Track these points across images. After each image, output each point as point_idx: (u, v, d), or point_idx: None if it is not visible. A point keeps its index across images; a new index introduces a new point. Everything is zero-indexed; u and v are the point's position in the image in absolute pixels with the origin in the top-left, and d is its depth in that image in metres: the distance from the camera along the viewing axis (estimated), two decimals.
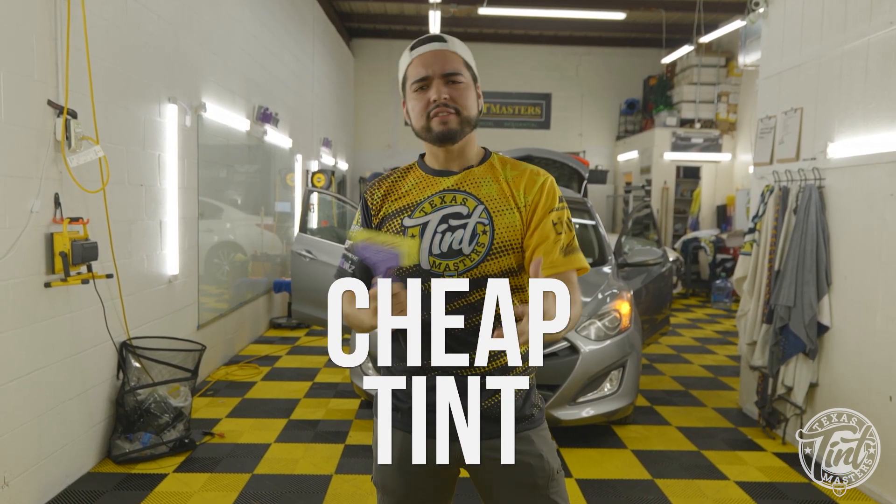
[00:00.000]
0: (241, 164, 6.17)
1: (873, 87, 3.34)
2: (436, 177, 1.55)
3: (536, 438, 1.55)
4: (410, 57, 1.51)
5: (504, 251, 1.48)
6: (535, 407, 1.58)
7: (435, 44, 1.50)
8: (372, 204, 1.58)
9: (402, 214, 1.53)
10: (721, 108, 11.41)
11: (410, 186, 1.56)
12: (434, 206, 1.51)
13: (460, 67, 1.50)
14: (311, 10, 9.04)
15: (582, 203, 5.06)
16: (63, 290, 3.02)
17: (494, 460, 1.49)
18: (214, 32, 5.09)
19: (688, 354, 6.15)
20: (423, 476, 1.55)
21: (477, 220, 1.49)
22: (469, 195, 1.51)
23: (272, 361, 5.55)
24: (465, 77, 1.50)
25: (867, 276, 3.32)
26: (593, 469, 3.50)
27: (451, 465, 1.52)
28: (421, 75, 1.48)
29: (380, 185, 1.60)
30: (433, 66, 1.47)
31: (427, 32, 10.76)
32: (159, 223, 4.09)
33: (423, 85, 1.48)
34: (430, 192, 1.53)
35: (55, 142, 2.92)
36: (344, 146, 12.12)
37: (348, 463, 3.51)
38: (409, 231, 1.51)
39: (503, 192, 1.52)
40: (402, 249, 1.33)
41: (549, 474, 1.53)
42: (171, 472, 3.33)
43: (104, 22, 3.34)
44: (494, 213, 1.50)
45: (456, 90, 1.48)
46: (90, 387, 3.29)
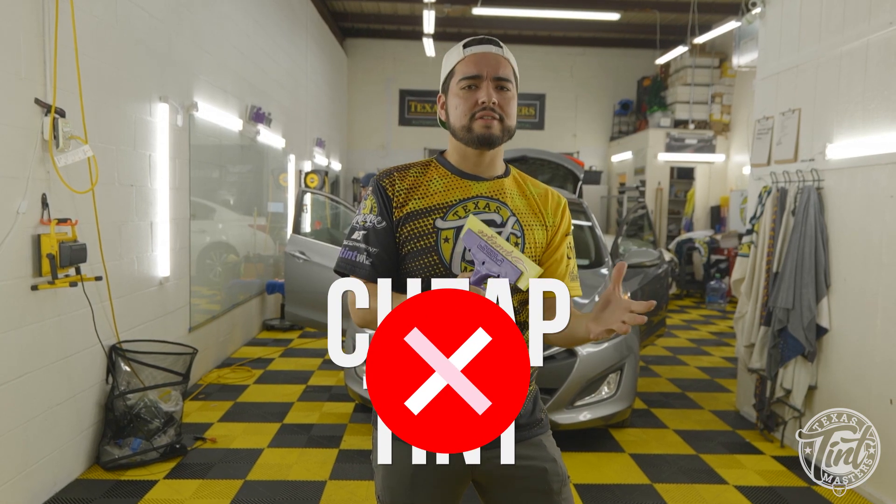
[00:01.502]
0: (234, 164, 6.10)
1: (873, 87, 3.31)
2: (466, 180, 1.51)
3: (548, 443, 1.54)
4: (463, 53, 1.48)
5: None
6: (542, 412, 1.57)
7: (491, 46, 1.48)
8: (394, 195, 1.48)
9: (433, 214, 1.46)
10: (715, 108, 11.42)
11: (439, 186, 1.49)
12: (468, 210, 1.47)
13: (511, 75, 1.48)
14: (305, 9, 8.98)
15: (577, 204, 5.02)
16: (51, 293, 2.96)
17: (508, 467, 1.45)
18: (207, 31, 5.02)
19: (684, 356, 6.12)
20: (432, 490, 1.49)
21: (510, 230, 1.48)
22: (503, 204, 1.50)
23: (265, 364, 5.49)
24: (513, 86, 1.48)
25: (867, 278, 3.30)
26: (591, 474, 3.46)
27: (463, 476, 1.48)
28: (472, 73, 1.45)
29: (402, 177, 1.50)
30: (486, 68, 1.45)
31: (421, 32, 10.77)
32: (150, 224, 4.02)
33: (472, 84, 1.45)
34: (463, 195, 1.49)
35: (42, 141, 2.85)
36: (337, 146, 12.06)
37: (343, 468, 3.46)
38: (443, 234, 1.45)
39: (532, 208, 1.53)
40: (524, 268, 1.33)
41: (562, 479, 1.52)
42: (161, 478, 3.27)
43: (94, 19, 3.27)
44: (525, 226, 1.50)
45: (504, 97, 1.46)
46: (79, 391, 3.23)
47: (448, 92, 1.50)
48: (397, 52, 13.47)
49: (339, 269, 1.49)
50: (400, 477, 1.48)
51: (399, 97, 13.60)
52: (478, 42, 1.48)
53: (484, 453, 1.44)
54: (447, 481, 1.49)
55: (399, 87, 13.56)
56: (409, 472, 1.46)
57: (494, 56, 1.46)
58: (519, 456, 1.45)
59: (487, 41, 1.48)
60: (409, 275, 1.45)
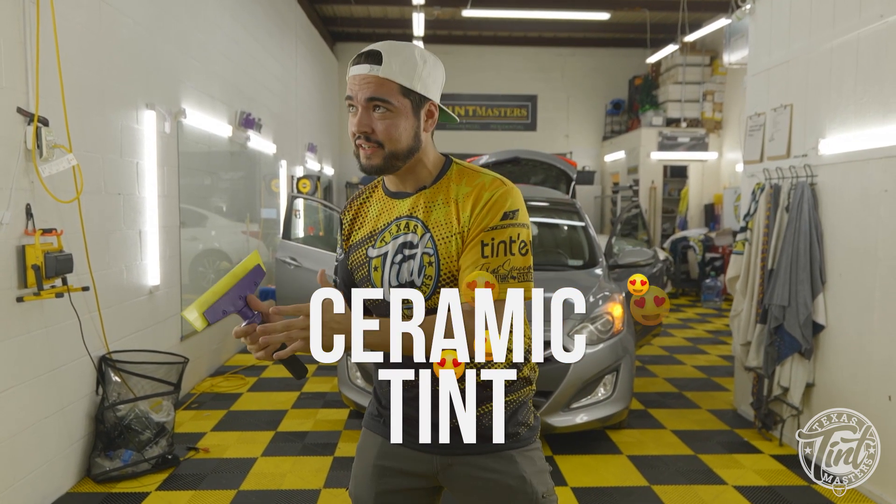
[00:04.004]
0: (225, 170, 6.05)
1: (865, 81, 3.29)
2: (393, 199, 1.48)
3: (521, 459, 1.44)
4: (349, 72, 1.38)
5: (453, 282, 1.38)
6: (522, 426, 1.47)
7: (364, 66, 1.33)
8: (344, 227, 1.56)
9: (367, 244, 1.48)
10: (706, 106, 11.43)
11: (375, 211, 1.50)
12: (392, 234, 1.44)
13: (391, 94, 1.33)
14: (294, 14, 8.94)
15: (571, 205, 5.00)
16: (37, 305, 2.91)
17: (472, 478, 1.44)
18: (194, 37, 4.98)
19: (680, 355, 6.10)
20: (397, 494, 1.50)
21: (423, 249, 1.39)
22: (419, 221, 1.41)
23: (258, 371, 5.44)
24: (397, 104, 1.33)
25: (863, 273, 3.28)
26: (589, 476, 3.43)
27: (428, 479, 1.47)
28: (348, 94, 1.36)
29: (350, 208, 1.56)
30: (358, 92, 1.34)
31: (411, 35, 10.76)
32: (139, 233, 3.97)
33: (350, 105, 1.36)
34: (389, 218, 1.47)
35: (26, 150, 2.81)
36: (329, 151, 12.02)
37: (337, 476, 3.41)
38: (373, 262, 1.46)
39: (448, 216, 1.38)
40: (247, 266, 1.32)
41: (531, 499, 1.43)
42: (153, 490, 3.22)
43: (77, 27, 3.23)
44: (439, 240, 1.38)
45: (382, 121, 1.33)
46: (68, 404, 3.17)
47: None
48: None
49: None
50: (364, 466, 1.52)
51: None
52: (356, 60, 1.36)
53: (444, 459, 1.44)
54: (409, 478, 1.48)
55: None
56: (371, 462, 1.50)
57: (367, 78, 1.33)
58: (481, 467, 1.43)
59: (366, 58, 1.34)
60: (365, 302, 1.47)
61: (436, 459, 1.44)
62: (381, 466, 1.48)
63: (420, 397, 1.41)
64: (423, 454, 1.45)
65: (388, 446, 1.47)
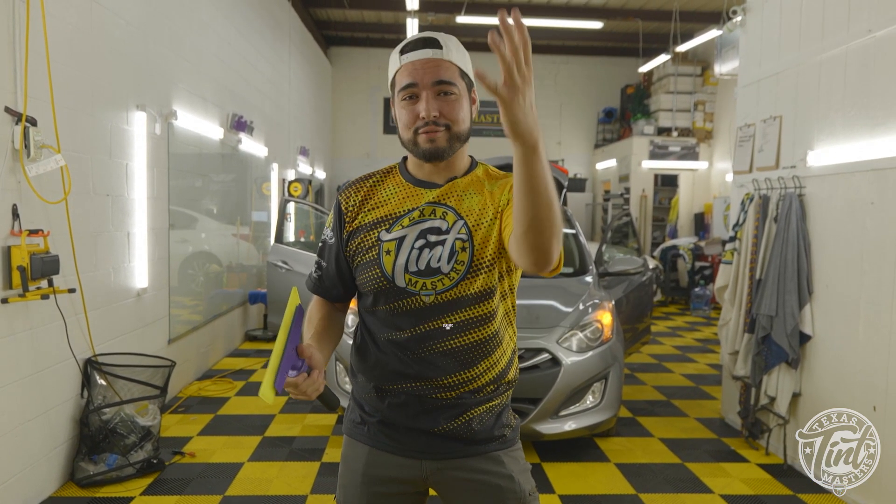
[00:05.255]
0: (216, 172, 6.03)
1: (852, 94, 3.33)
2: (418, 187, 1.44)
3: (507, 459, 1.47)
4: (399, 61, 1.37)
5: (484, 268, 1.39)
6: (506, 427, 1.50)
7: (427, 50, 1.35)
8: (346, 209, 1.47)
9: (379, 227, 1.42)
10: (698, 116, 11.51)
11: (390, 195, 1.45)
12: (413, 220, 1.41)
13: (454, 77, 1.36)
14: (288, 17, 8.93)
15: (562, 212, 5.00)
16: (22, 306, 2.88)
17: (463, 481, 1.46)
18: (186, 39, 4.96)
19: (669, 363, 6.12)
20: (388, 498, 1.48)
21: (456, 236, 1.39)
22: (450, 209, 1.41)
23: (247, 375, 5.41)
24: (459, 87, 1.36)
25: (849, 284, 3.30)
26: (577, 484, 3.43)
27: (417, 484, 1.47)
28: (408, 82, 1.35)
29: (357, 190, 1.48)
30: (423, 75, 1.34)
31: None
32: (127, 234, 3.95)
33: (412, 94, 1.35)
34: (412, 204, 1.42)
35: (13, 150, 2.78)
36: (321, 154, 12.00)
37: (324, 482, 3.39)
38: (385, 246, 1.40)
39: (483, 204, 1.41)
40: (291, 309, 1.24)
41: (519, 497, 1.46)
42: (138, 494, 3.19)
43: (67, 26, 3.21)
44: (474, 227, 1.39)
45: (447, 103, 1.34)
46: (52, 407, 3.14)
47: (394, 100, 1.41)
48: (382, 61, 13.44)
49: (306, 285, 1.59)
50: (352, 476, 1.49)
51: (383, 105, 13.58)
52: (413, 46, 1.36)
53: (434, 463, 1.45)
54: (398, 485, 1.47)
55: (384, 95, 13.54)
56: (360, 471, 1.48)
57: (432, 62, 1.34)
58: (472, 469, 1.45)
59: (424, 43, 1.36)
60: (362, 287, 1.46)
61: (425, 465, 1.44)
62: (369, 475, 1.47)
63: (409, 403, 1.42)
64: (412, 460, 1.45)
65: (376, 454, 1.46)
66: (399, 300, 1.39)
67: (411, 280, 1.38)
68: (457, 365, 1.40)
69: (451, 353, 1.40)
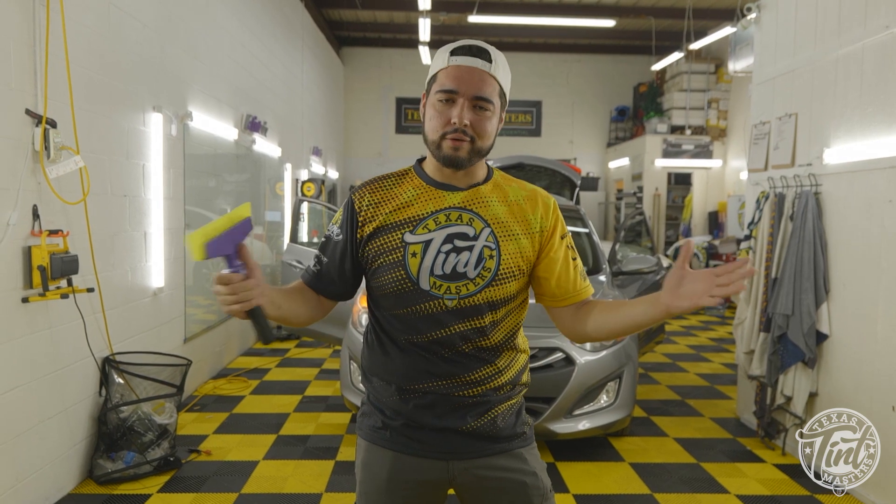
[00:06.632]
0: (230, 173, 6.07)
1: (870, 91, 3.29)
2: (440, 190, 1.44)
3: (529, 456, 1.50)
4: (447, 61, 1.37)
5: (508, 278, 1.41)
6: (525, 424, 1.53)
7: (478, 60, 1.36)
8: (360, 208, 1.45)
9: (402, 228, 1.41)
10: (711, 114, 11.44)
11: (411, 198, 1.43)
12: (439, 223, 1.41)
13: (494, 95, 1.37)
14: (301, 18, 8.98)
15: (575, 210, 5.00)
16: (42, 305, 2.92)
17: (489, 479, 1.47)
18: (201, 40, 5.00)
19: (683, 363, 6.09)
20: (412, 501, 1.49)
21: (484, 243, 1.40)
22: (476, 216, 1.42)
23: (261, 374, 5.45)
24: (495, 105, 1.38)
25: (867, 283, 3.27)
26: (591, 484, 3.42)
27: (441, 486, 1.47)
28: (450, 87, 1.35)
29: (372, 191, 1.46)
30: (466, 86, 1.34)
31: (417, 41, 10.77)
32: (144, 234, 3.99)
33: (448, 98, 1.35)
34: (435, 207, 1.42)
35: (33, 152, 2.82)
36: (334, 154, 12.05)
37: (339, 480, 3.41)
38: (411, 248, 1.40)
39: (514, 215, 1.44)
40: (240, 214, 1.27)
41: (543, 493, 1.49)
42: (155, 492, 3.22)
43: (85, 29, 3.25)
44: (501, 237, 1.41)
45: (480, 117, 1.36)
46: (71, 405, 3.18)
47: (429, 95, 1.41)
48: (394, 61, 13.48)
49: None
50: (376, 483, 1.48)
51: (396, 105, 13.62)
52: (465, 52, 1.36)
53: (461, 463, 1.45)
54: (423, 488, 1.47)
55: (396, 95, 13.58)
56: (384, 477, 1.46)
57: (479, 73, 1.35)
58: (498, 467, 1.46)
59: (477, 52, 1.36)
60: (380, 290, 1.44)
61: (452, 465, 1.45)
62: (395, 480, 1.46)
63: (437, 404, 1.43)
64: (438, 462, 1.45)
65: (401, 459, 1.45)
66: (421, 303, 1.40)
67: (436, 283, 1.39)
68: (479, 363, 1.43)
69: (471, 355, 1.43)
